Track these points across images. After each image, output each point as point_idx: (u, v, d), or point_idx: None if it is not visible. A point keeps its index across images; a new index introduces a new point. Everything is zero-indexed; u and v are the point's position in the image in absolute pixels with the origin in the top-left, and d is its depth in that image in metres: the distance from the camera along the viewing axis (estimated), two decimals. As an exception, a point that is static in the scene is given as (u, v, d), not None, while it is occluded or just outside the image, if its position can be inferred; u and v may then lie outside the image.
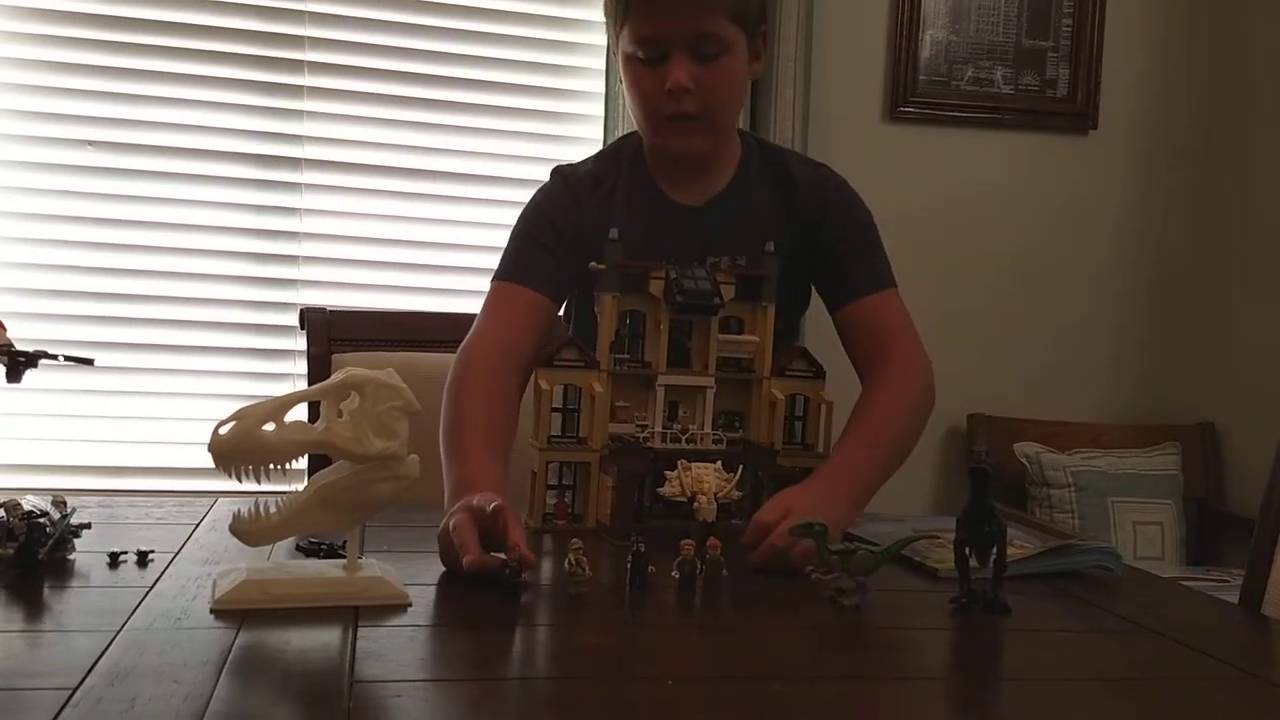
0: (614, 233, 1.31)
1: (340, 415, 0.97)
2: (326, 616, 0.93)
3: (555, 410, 1.30)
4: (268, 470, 0.94)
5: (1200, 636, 1.00)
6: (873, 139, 2.77)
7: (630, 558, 1.04)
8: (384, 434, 0.96)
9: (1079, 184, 2.88)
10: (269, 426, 0.95)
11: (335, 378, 0.98)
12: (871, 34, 2.78)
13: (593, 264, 1.35)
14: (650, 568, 1.04)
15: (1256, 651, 1.06)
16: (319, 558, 1.10)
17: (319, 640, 0.89)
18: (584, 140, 2.65)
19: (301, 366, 1.92)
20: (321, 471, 1.01)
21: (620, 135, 2.50)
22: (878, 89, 2.79)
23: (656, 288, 1.33)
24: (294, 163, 2.57)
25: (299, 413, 0.98)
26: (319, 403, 0.97)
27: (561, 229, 1.46)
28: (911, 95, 2.79)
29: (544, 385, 1.29)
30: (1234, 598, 2.24)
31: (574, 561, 1.01)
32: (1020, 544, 1.24)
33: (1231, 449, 2.84)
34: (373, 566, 1.01)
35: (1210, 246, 2.88)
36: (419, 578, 1.05)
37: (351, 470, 0.97)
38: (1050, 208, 2.87)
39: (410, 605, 0.96)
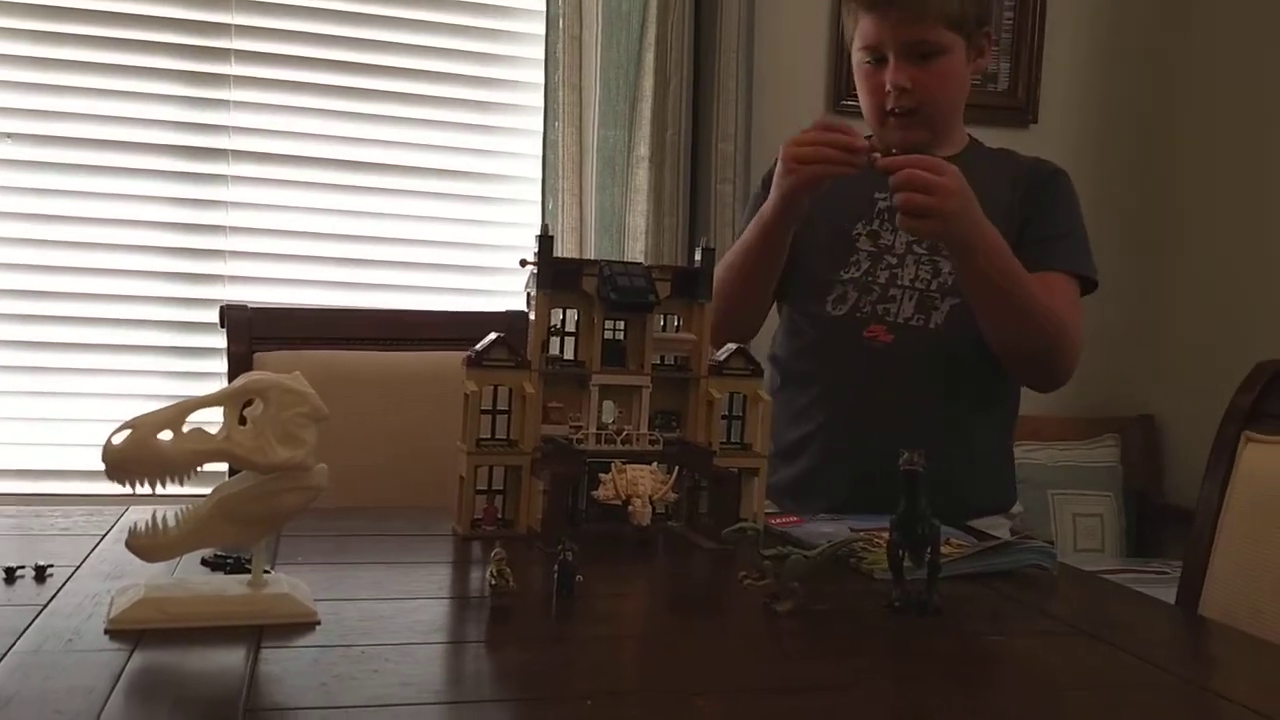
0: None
1: (244, 422, 0.91)
2: (228, 637, 0.87)
3: (484, 412, 1.25)
4: (164, 482, 0.88)
5: (1136, 639, 0.97)
6: (815, 133, 2.73)
7: (557, 566, 0.99)
8: (289, 442, 0.90)
9: (1020, 178, 2.87)
10: (165, 435, 0.89)
11: (237, 382, 0.92)
12: (814, 26, 2.75)
13: (523, 259, 1.30)
14: (579, 576, 0.99)
15: (1193, 655, 1.04)
16: (226, 572, 1.04)
17: (218, 663, 0.83)
18: (522, 132, 2.59)
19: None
20: (224, 482, 0.94)
21: (560, 127, 2.47)
22: (821, 81, 2.77)
23: (590, 285, 1.29)
24: (220, 154, 2.49)
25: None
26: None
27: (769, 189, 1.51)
28: (853, 90, 2.75)
29: (472, 386, 1.24)
30: (1175, 590, 2.27)
31: (496, 572, 0.96)
32: (956, 543, 1.22)
33: (1170, 441, 2.86)
34: (280, 582, 0.95)
35: (1148, 239, 2.90)
36: (333, 591, 0.99)
37: (255, 481, 0.91)
38: (992, 201, 2.86)
39: (319, 623, 0.90)
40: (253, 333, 1.78)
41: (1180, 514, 2.73)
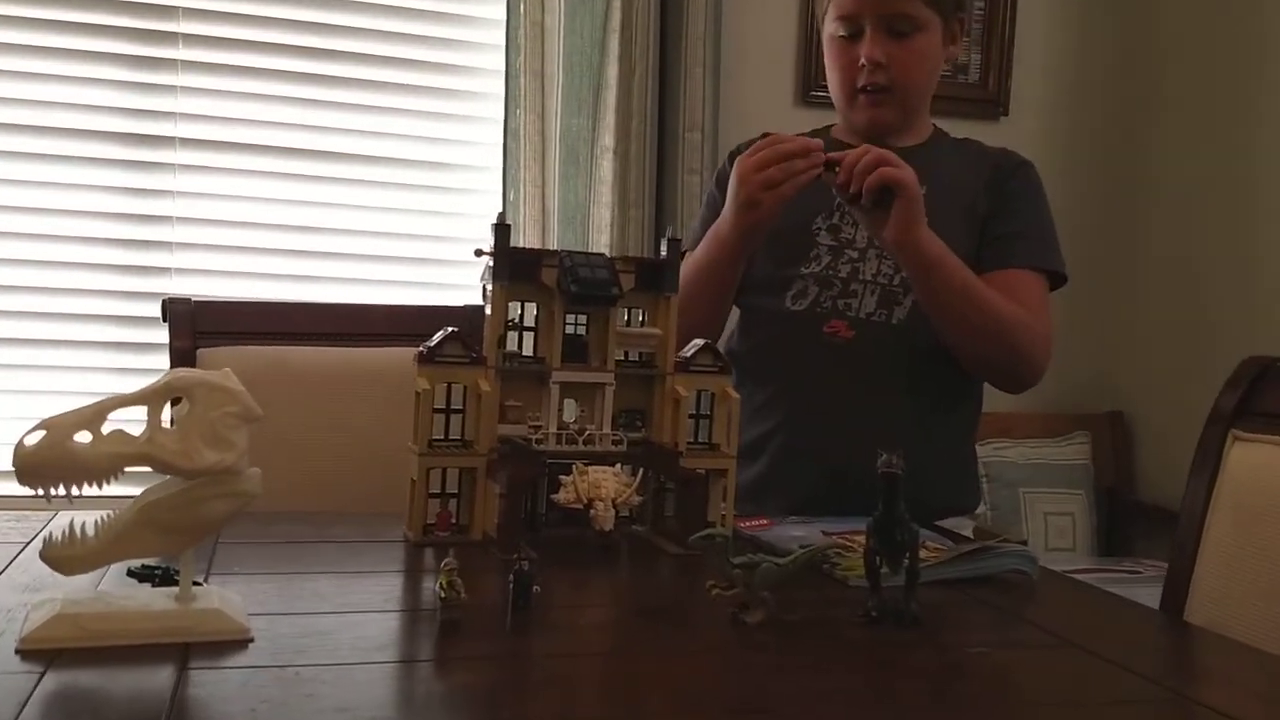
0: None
1: (171, 423, 0.83)
2: (152, 656, 0.80)
3: (437, 411, 1.18)
4: (80, 487, 0.81)
5: (1124, 651, 0.93)
6: (783, 122, 2.67)
7: (512, 576, 0.92)
8: (217, 445, 0.83)
9: (990, 171, 2.83)
10: (83, 437, 0.81)
11: (161, 379, 0.84)
12: (783, 16, 2.70)
13: (478, 248, 1.23)
14: (535, 587, 0.93)
15: (1183, 667, 1.00)
16: (154, 584, 0.96)
17: (138, 686, 0.76)
18: (482, 120, 2.51)
19: (175, 362, 1.75)
20: (149, 488, 0.87)
21: (521, 114, 2.40)
22: (789, 72, 2.71)
23: (550, 277, 1.22)
24: (167, 141, 2.39)
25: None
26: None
27: (725, 188, 1.46)
28: (822, 80, 2.67)
29: (424, 384, 1.17)
30: (1148, 590, 2.23)
31: (446, 584, 0.89)
32: (933, 547, 1.17)
33: (1141, 437, 2.85)
34: (210, 595, 0.87)
35: (1118, 234, 2.88)
36: (269, 605, 0.92)
37: (181, 487, 0.84)
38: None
39: (252, 641, 0.83)
40: (196, 327, 1.71)
41: (1150, 511, 2.72)
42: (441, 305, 1.82)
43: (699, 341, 1.31)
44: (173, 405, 0.85)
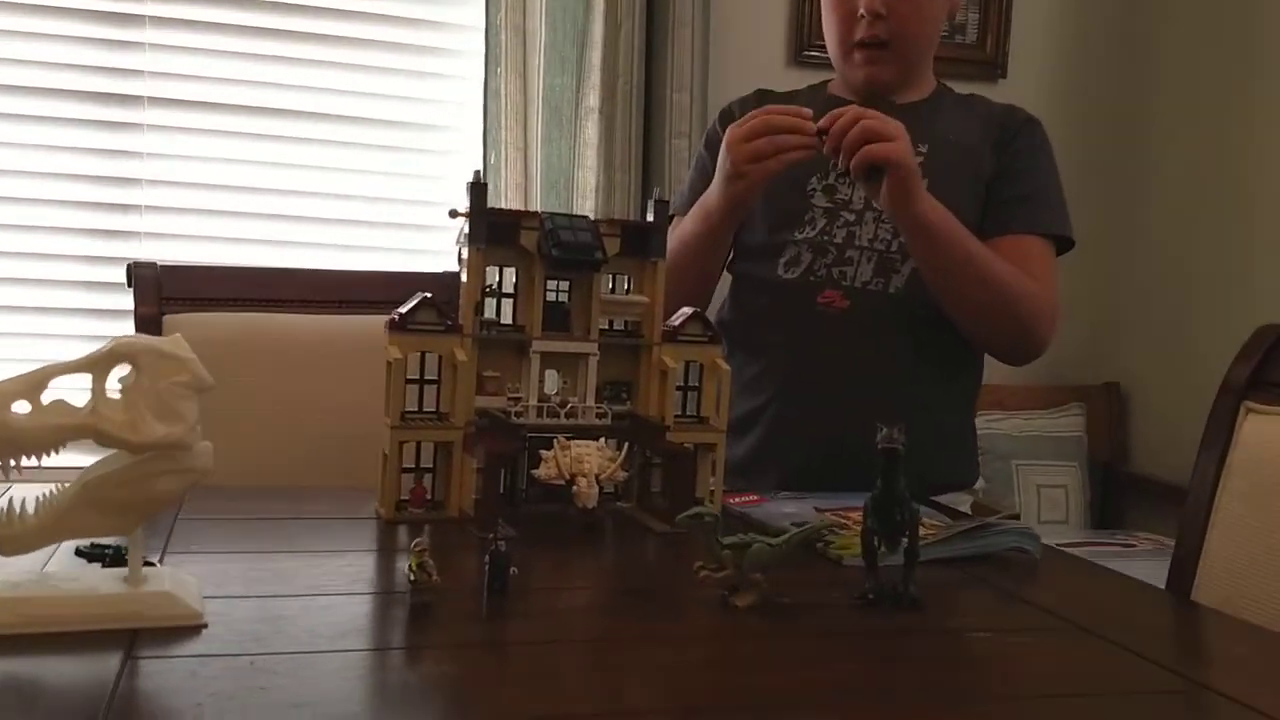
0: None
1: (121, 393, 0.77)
2: (98, 643, 0.74)
3: (411, 382, 1.12)
4: (19, 461, 0.75)
5: (1134, 634, 0.88)
6: (775, 82, 2.59)
7: (487, 558, 0.87)
8: (166, 416, 0.76)
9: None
10: (20, 407, 0.75)
11: (104, 346, 0.77)
12: (775, -27, 2.61)
13: (453, 209, 1.16)
14: (513, 568, 0.87)
15: (1194, 651, 0.95)
16: (105, 564, 0.90)
17: (78, 676, 0.70)
18: (461, 78, 2.43)
19: (142, 329, 1.68)
20: (93, 463, 0.80)
21: (502, 72, 2.31)
22: (781, 31, 2.64)
23: (530, 240, 1.16)
24: (135, 100, 2.30)
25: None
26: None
27: (715, 150, 1.41)
28: (817, 39, 2.61)
29: (396, 353, 1.10)
30: (1144, 564, 2.21)
31: (416, 565, 0.83)
32: (931, 523, 1.12)
33: (1136, 409, 2.80)
34: (162, 577, 0.81)
35: (1116, 200, 2.82)
36: (227, 587, 0.86)
37: (127, 462, 0.78)
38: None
39: (205, 626, 0.77)
40: (163, 293, 1.64)
41: (1145, 484, 2.68)
42: (420, 271, 1.75)
43: (687, 310, 1.25)
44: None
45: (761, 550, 0.88)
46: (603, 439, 1.17)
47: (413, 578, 0.83)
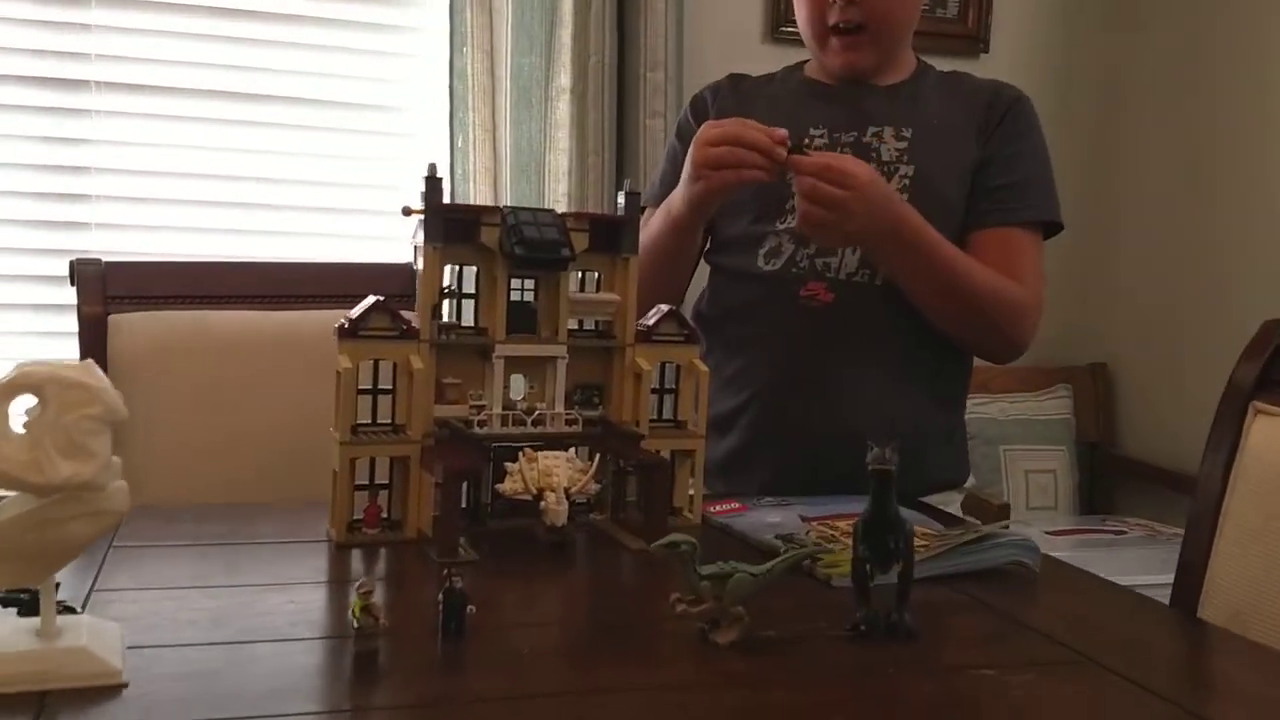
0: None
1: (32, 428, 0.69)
2: (2, 707, 0.66)
3: (363, 392, 1.04)
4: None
5: (1142, 665, 0.82)
6: (751, 59, 2.49)
7: (441, 596, 0.79)
8: (74, 454, 0.68)
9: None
10: (-94, 445, 0.66)
11: (4, 376, 0.69)
12: (751, -55, 2.52)
13: (406, 206, 1.08)
14: (470, 607, 0.79)
15: (1206, 683, 0.89)
16: (20, 613, 0.81)
17: (-24, 755, 0.62)
18: (425, 58, 2.32)
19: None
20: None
21: (469, 51, 2.22)
22: (757, 6, 2.54)
23: (491, 237, 1.07)
24: (83, 85, 2.18)
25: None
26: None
27: (686, 139, 1.34)
28: (793, 14, 2.52)
29: (345, 362, 1.02)
30: (1136, 551, 2.16)
31: (359, 611, 0.75)
32: (924, 532, 1.05)
33: (1124, 390, 2.75)
34: (79, 629, 0.73)
35: (1101, 177, 2.75)
36: (155, 634, 0.78)
37: (33, 505, 0.69)
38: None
39: (125, 686, 0.69)
40: (108, 291, 1.54)
41: (1134, 467, 2.63)
42: (384, 262, 1.67)
43: (663, 307, 1.17)
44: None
45: (743, 581, 0.81)
46: (573, 449, 1.10)
47: (356, 624, 0.75)
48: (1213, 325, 2.47)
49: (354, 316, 1.03)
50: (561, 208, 2.24)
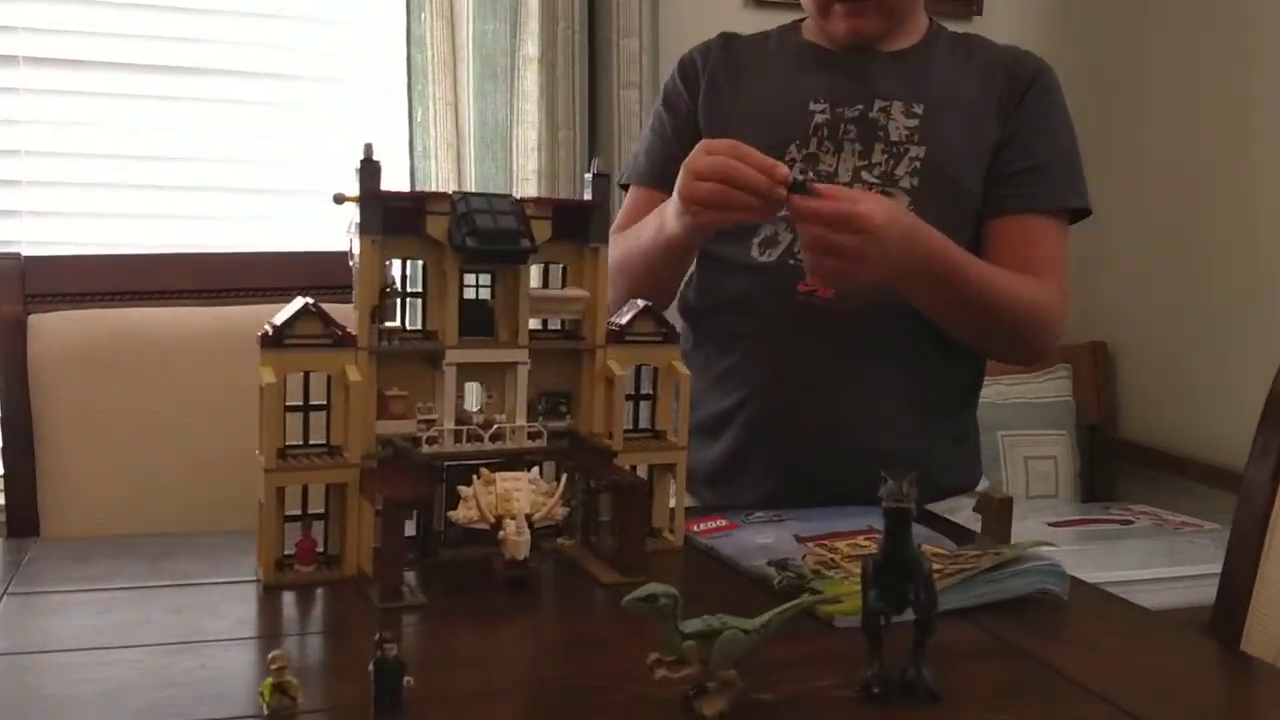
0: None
1: None
2: None
3: (293, 409, 0.90)
4: None
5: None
6: (732, 25, 2.35)
7: (373, 667, 0.66)
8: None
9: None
10: None
11: None
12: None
13: (338, 194, 0.94)
14: (407, 679, 0.66)
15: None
16: None
17: None
18: (381, 24, 2.16)
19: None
20: None
21: (427, 18, 2.06)
22: (739, -33, 2.40)
23: (438, 227, 0.94)
24: (9, 60, 2.02)
25: None
26: None
27: (675, 108, 1.30)
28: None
29: (270, 376, 0.88)
30: (1145, 543, 2.04)
31: (270, 690, 0.62)
32: (934, 553, 0.92)
33: (1124, 369, 2.64)
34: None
35: (1102, 149, 2.62)
36: (28, 713, 0.64)
37: None
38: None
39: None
40: (27, 289, 1.40)
41: (1135, 450, 2.53)
42: (333, 250, 1.52)
43: (638, 303, 1.04)
44: None
45: (734, 640, 0.68)
46: (537, 468, 0.97)
47: (268, 709, 0.62)
48: (1214, 300, 2.37)
49: (278, 323, 0.90)
50: (531, 186, 2.10)
